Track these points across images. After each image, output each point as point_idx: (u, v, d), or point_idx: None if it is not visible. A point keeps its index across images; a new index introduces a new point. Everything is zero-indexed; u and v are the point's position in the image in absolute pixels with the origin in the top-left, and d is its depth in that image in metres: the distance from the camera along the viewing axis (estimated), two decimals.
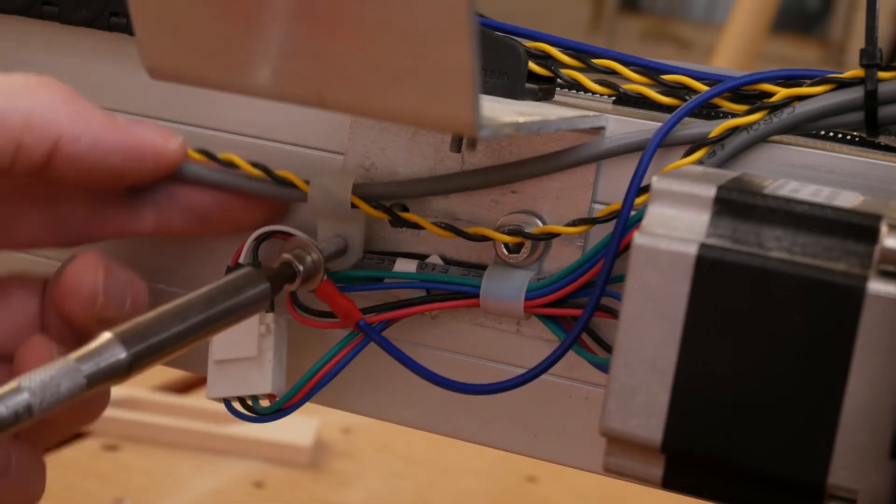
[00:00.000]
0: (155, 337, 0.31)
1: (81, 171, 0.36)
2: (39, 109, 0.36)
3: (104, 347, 0.30)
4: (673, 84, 0.38)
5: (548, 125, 0.34)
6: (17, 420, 0.27)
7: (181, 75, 0.31)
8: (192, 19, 0.30)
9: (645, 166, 0.35)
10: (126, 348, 0.30)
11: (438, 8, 0.26)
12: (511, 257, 0.38)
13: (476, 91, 0.27)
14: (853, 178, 0.36)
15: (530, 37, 0.40)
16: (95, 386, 0.29)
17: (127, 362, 0.30)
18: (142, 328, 0.31)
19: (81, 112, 0.36)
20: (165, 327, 0.31)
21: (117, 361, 0.30)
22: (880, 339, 0.27)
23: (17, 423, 0.27)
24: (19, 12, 0.44)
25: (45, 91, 0.36)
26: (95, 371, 0.29)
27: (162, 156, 0.38)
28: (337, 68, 0.29)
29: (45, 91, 0.36)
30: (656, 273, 0.29)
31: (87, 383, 0.29)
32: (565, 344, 0.37)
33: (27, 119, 0.35)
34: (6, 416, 0.27)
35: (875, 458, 0.28)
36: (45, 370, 0.28)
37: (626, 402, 0.30)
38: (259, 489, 0.86)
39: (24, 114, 0.35)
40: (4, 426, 0.27)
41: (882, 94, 0.36)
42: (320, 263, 0.37)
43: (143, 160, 0.37)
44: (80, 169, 0.36)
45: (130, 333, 0.30)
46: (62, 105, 0.36)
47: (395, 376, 0.41)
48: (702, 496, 0.30)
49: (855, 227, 0.29)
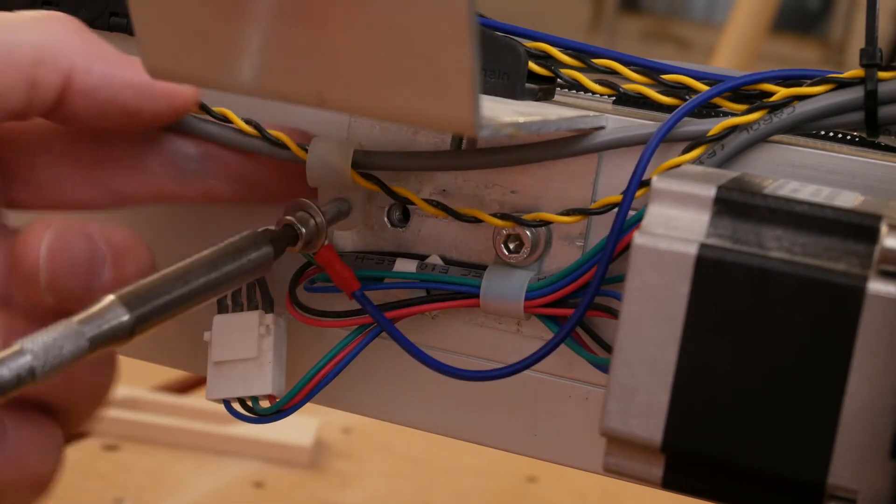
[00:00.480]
0: (158, 299, 0.31)
1: (95, 108, 0.35)
2: (50, 42, 0.35)
3: (106, 310, 0.30)
4: (673, 84, 0.38)
5: (548, 125, 0.34)
6: (19, 383, 0.27)
7: (181, 75, 0.31)
8: (192, 19, 0.30)
9: (646, 161, 0.35)
10: (129, 310, 0.30)
11: (438, 8, 0.26)
12: (511, 257, 0.38)
13: (476, 91, 0.27)
14: (853, 178, 0.36)
15: (530, 37, 0.40)
16: (98, 348, 0.29)
17: (130, 325, 0.30)
18: (144, 290, 0.31)
19: (92, 44, 0.36)
20: (168, 290, 0.31)
21: (120, 324, 0.30)
22: (880, 339, 0.27)
23: (20, 386, 0.27)
24: None
25: (54, 23, 0.35)
26: (98, 333, 0.29)
27: (176, 95, 0.37)
28: (337, 68, 0.29)
29: (55, 23, 0.35)
30: (656, 273, 0.29)
31: (89, 346, 0.29)
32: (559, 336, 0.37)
33: (38, 52, 0.34)
34: (8, 378, 0.27)
35: (875, 458, 0.28)
36: (48, 332, 0.28)
37: (626, 402, 0.30)
38: (259, 489, 0.86)
39: (34, 46, 0.34)
40: (7, 389, 0.27)
41: (882, 94, 0.36)
42: (323, 227, 0.37)
43: (156, 98, 0.36)
44: (93, 104, 0.35)
45: (133, 296, 0.30)
46: (73, 35, 0.35)
47: (395, 376, 0.41)
48: (702, 496, 0.30)
49: (855, 227, 0.29)
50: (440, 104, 0.28)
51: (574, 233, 0.38)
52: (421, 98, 0.28)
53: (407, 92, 0.28)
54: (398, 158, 0.39)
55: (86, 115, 0.36)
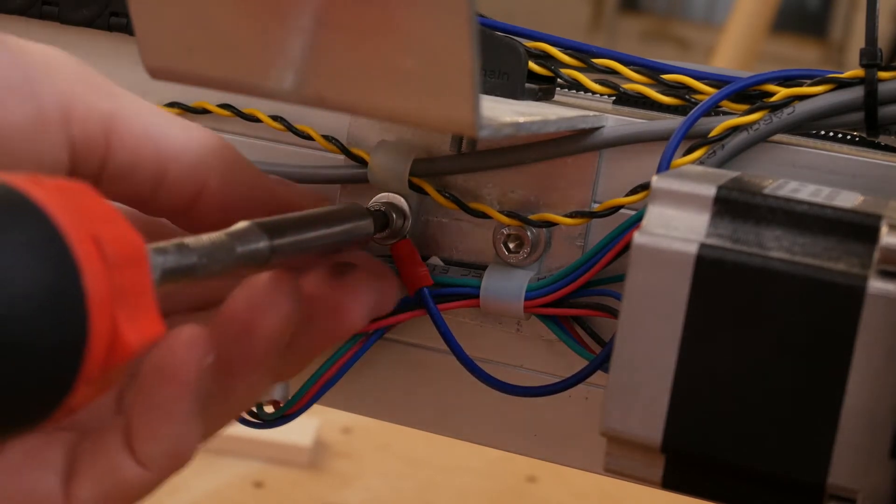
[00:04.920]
0: (291, 236, 0.31)
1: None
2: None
3: (249, 232, 0.30)
4: (673, 84, 0.38)
5: (548, 125, 0.34)
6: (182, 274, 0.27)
7: (181, 75, 0.31)
8: (192, 19, 0.30)
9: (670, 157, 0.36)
10: (269, 238, 0.30)
11: (438, 8, 0.26)
12: (511, 257, 0.38)
13: (476, 91, 0.27)
14: (853, 178, 0.36)
15: (530, 37, 0.40)
16: (241, 266, 0.30)
17: (268, 251, 0.30)
18: (282, 224, 0.31)
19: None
20: (302, 230, 0.32)
21: (258, 249, 0.30)
22: (880, 339, 0.27)
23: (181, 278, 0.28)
24: (19, 12, 0.44)
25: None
26: (243, 252, 0.30)
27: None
28: (337, 68, 0.29)
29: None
30: (656, 273, 0.29)
31: (235, 261, 0.29)
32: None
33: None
34: (171, 267, 0.27)
35: (875, 458, 0.28)
36: (207, 236, 0.29)
37: (626, 402, 0.30)
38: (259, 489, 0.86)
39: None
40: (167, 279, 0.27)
41: (882, 94, 0.36)
42: (409, 224, 0.39)
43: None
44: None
45: (273, 226, 0.31)
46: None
47: (395, 377, 0.41)
48: (702, 496, 0.30)
49: (855, 227, 0.29)
50: (440, 104, 0.28)
51: (574, 233, 0.38)
52: (421, 98, 0.28)
53: (407, 92, 0.28)
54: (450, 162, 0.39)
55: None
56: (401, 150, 0.39)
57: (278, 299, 0.31)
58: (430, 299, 0.38)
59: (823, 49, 3.90)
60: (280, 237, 0.31)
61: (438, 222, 0.40)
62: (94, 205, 0.25)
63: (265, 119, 0.41)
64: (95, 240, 0.24)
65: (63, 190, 0.24)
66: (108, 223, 0.25)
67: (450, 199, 0.38)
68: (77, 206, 0.24)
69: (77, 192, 0.25)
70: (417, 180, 0.38)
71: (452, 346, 0.39)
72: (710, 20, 3.99)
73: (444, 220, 0.40)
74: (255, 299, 0.31)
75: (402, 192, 0.39)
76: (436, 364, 0.40)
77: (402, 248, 0.38)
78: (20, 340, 0.22)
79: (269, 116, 0.40)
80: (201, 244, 0.28)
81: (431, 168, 0.39)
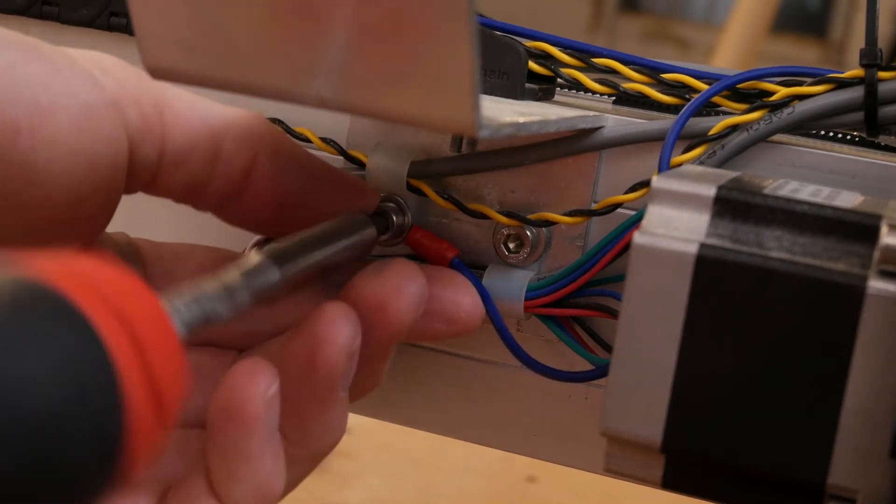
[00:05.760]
0: (300, 262, 0.31)
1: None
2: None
3: (260, 266, 0.30)
4: (673, 83, 0.38)
5: (548, 125, 0.34)
6: (201, 328, 0.27)
7: (182, 75, 0.31)
8: (193, 19, 0.30)
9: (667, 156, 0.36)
10: (279, 267, 0.30)
11: (438, 8, 0.26)
12: (511, 257, 0.38)
13: (476, 91, 0.27)
14: (853, 178, 0.36)
15: (530, 37, 0.40)
16: (255, 302, 0.29)
17: (279, 281, 0.30)
18: (289, 251, 0.31)
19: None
20: (306, 253, 0.32)
21: (269, 281, 0.30)
22: (880, 339, 0.27)
23: (203, 328, 0.27)
24: (19, 12, 0.44)
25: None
26: (257, 289, 0.29)
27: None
28: (337, 68, 0.29)
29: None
30: (656, 273, 0.29)
31: (250, 300, 0.29)
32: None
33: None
34: (190, 321, 0.27)
35: (875, 458, 0.28)
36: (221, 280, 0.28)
37: (626, 402, 0.30)
38: None
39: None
40: (196, 329, 0.27)
41: (882, 94, 0.36)
42: (410, 223, 0.38)
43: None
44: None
45: (280, 254, 0.31)
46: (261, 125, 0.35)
47: (396, 377, 0.41)
48: (702, 496, 0.30)
49: (855, 227, 0.28)
50: (441, 104, 0.28)
51: (574, 233, 0.38)
52: (421, 98, 0.28)
53: (407, 92, 0.28)
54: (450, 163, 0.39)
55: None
56: (399, 151, 0.39)
57: (342, 329, 0.30)
58: (465, 267, 0.38)
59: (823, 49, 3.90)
60: (288, 264, 0.31)
61: (438, 222, 0.40)
62: (109, 278, 0.24)
63: None
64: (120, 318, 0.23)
65: (77, 271, 0.24)
66: (126, 294, 0.24)
67: (448, 200, 0.38)
68: (96, 285, 0.23)
69: (93, 268, 0.24)
70: (416, 182, 0.38)
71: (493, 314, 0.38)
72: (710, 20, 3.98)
73: (444, 220, 0.40)
74: (316, 334, 0.30)
75: (400, 193, 0.39)
76: (436, 364, 0.40)
77: (415, 234, 0.38)
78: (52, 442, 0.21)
79: (266, 119, 0.40)
80: (216, 292, 0.28)
81: (429, 169, 0.39)
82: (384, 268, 0.32)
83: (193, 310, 0.27)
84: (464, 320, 0.35)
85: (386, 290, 0.32)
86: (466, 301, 0.35)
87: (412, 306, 0.32)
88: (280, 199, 0.34)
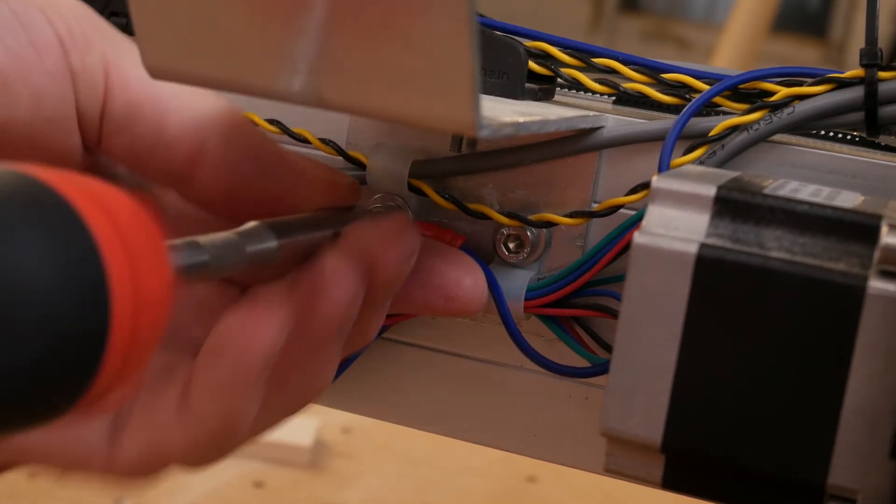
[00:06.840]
0: (300, 236, 0.31)
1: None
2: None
3: (258, 232, 0.30)
4: (673, 83, 0.38)
5: (548, 125, 0.34)
6: (195, 273, 0.27)
7: (182, 75, 0.31)
8: (193, 19, 0.30)
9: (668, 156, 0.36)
10: (277, 238, 0.30)
11: (438, 8, 0.26)
12: (511, 257, 0.38)
13: (476, 91, 0.27)
14: (853, 178, 0.36)
15: (530, 37, 0.40)
16: (250, 265, 0.30)
17: (276, 250, 0.30)
18: (288, 224, 0.31)
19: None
20: (308, 231, 0.32)
21: (267, 248, 0.30)
22: (880, 339, 0.27)
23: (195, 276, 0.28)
24: None
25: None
26: (253, 251, 0.30)
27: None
28: (337, 68, 0.29)
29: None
30: (656, 273, 0.29)
31: (245, 260, 0.29)
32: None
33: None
34: (186, 266, 0.27)
35: (875, 458, 0.28)
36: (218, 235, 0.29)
37: (626, 402, 0.30)
38: (259, 489, 0.86)
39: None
40: (185, 275, 0.27)
41: (882, 94, 0.36)
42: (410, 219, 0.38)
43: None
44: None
45: (281, 226, 0.31)
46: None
47: (395, 377, 0.41)
48: (702, 496, 0.30)
49: (855, 227, 0.29)
50: (441, 104, 0.28)
51: (574, 233, 0.38)
52: (421, 98, 0.28)
53: (407, 92, 0.28)
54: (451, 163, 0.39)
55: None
56: (399, 152, 0.39)
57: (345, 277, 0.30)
58: (473, 254, 0.38)
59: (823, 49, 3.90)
60: (288, 236, 0.31)
61: (438, 223, 0.40)
62: (113, 196, 0.25)
63: (261, 122, 0.40)
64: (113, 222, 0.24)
65: (79, 181, 0.24)
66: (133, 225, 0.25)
67: (449, 200, 0.38)
68: (97, 195, 0.24)
69: (94, 184, 0.25)
70: (416, 182, 0.38)
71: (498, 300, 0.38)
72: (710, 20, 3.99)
73: (444, 220, 0.40)
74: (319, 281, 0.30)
75: (401, 194, 0.39)
76: (436, 364, 0.40)
77: (420, 227, 0.38)
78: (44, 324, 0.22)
79: (265, 120, 0.40)
80: (212, 243, 0.28)
81: (430, 169, 0.39)
82: (378, 218, 0.33)
83: (183, 253, 0.27)
84: (462, 299, 0.35)
85: (377, 239, 0.32)
86: (468, 281, 0.35)
87: (403, 256, 0.32)
88: (230, 189, 0.34)
